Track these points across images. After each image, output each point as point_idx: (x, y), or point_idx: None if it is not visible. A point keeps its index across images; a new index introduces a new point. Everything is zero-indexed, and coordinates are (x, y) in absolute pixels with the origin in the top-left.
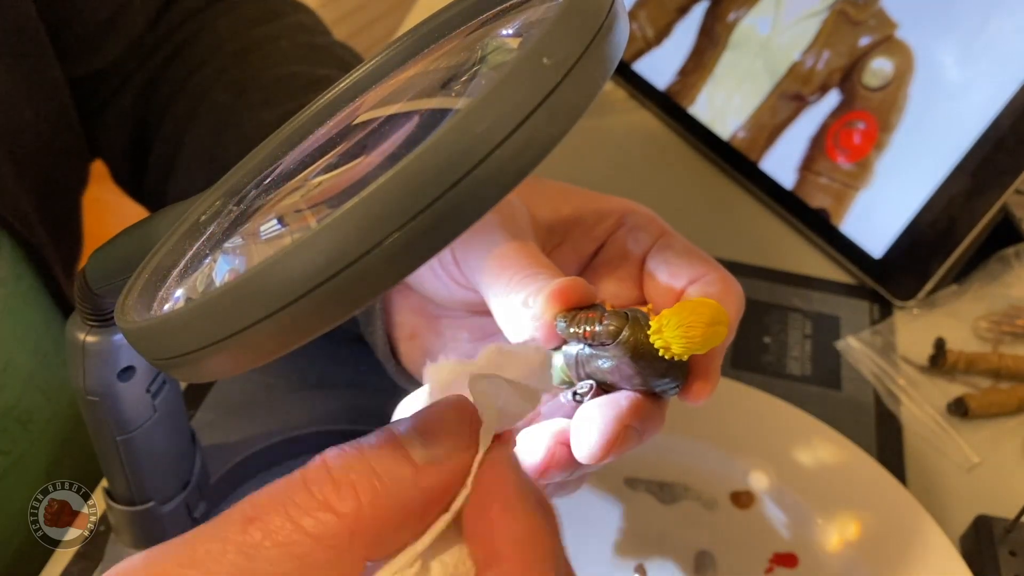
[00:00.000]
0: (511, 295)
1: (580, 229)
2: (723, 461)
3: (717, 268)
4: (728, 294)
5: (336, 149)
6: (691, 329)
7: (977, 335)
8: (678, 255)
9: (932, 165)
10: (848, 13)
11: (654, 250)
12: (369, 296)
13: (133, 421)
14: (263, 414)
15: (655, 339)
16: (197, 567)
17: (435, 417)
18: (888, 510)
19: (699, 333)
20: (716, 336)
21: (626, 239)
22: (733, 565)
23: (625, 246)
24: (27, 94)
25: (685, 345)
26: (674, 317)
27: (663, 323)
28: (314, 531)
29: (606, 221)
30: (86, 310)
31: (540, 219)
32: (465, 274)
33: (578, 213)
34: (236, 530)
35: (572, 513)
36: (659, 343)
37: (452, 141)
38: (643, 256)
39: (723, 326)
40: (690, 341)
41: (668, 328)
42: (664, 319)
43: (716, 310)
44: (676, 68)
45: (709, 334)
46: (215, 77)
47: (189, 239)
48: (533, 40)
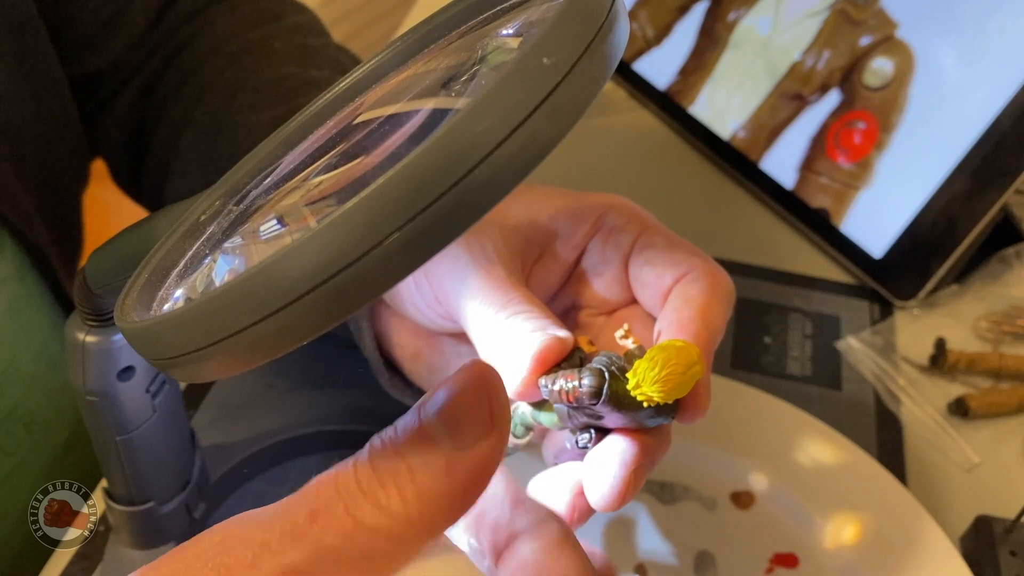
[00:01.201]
0: (492, 337)
1: (560, 237)
2: (723, 461)
3: (702, 261)
4: (716, 289)
5: (336, 149)
6: (667, 381)
7: (978, 335)
8: (660, 252)
9: (933, 165)
10: (848, 13)
11: (635, 250)
12: (369, 296)
13: (133, 421)
14: (263, 414)
15: (635, 393)
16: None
17: (454, 407)
18: (888, 510)
19: (675, 383)
20: (693, 378)
21: (606, 242)
22: (733, 565)
23: (606, 250)
24: (28, 94)
25: (665, 395)
26: (649, 372)
27: (639, 378)
28: (372, 524)
29: (584, 225)
30: (86, 310)
31: (519, 229)
32: (444, 306)
33: (556, 219)
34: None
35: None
36: (641, 396)
37: (452, 141)
38: (626, 257)
39: (699, 366)
40: (668, 392)
41: (645, 383)
42: (639, 374)
43: (687, 354)
44: (676, 68)
45: (686, 380)
46: (210, 80)
47: (189, 239)
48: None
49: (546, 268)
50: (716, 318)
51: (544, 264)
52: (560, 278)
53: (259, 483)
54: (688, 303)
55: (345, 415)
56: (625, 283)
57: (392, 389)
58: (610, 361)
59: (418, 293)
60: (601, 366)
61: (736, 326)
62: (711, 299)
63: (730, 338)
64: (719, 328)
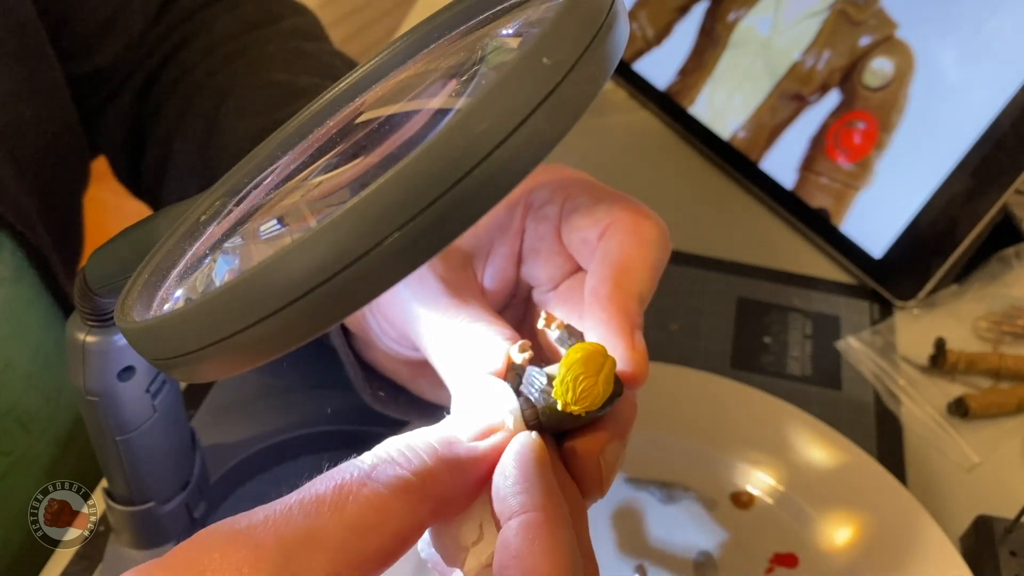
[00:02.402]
0: (442, 371)
1: (499, 230)
2: (723, 461)
3: (623, 211)
4: (637, 238)
5: (336, 149)
6: (585, 396)
7: (977, 335)
8: (583, 213)
9: (932, 165)
10: (848, 13)
11: (563, 218)
12: (369, 296)
13: (133, 421)
14: (263, 414)
15: (569, 409)
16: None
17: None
18: (888, 510)
19: (594, 394)
20: (608, 376)
21: (537, 219)
22: (733, 565)
23: (538, 227)
24: (27, 94)
25: (591, 405)
26: (568, 394)
27: (562, 399)
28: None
29: (517, 209)
30: (86, 310)
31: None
32: (403, 335)
33: (493, 214)
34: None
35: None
36: (575, 411)
37: (452, 141)
38: (557, 228)
39: (609, 361)
40: (593, 402)
41: (569, 403)
42: (559, 395)
43: (593, 360)
44: (676, 68)
45: (602, 383)
46: (204, 81)
47: (189, 239)
48: (533, 40)
49: (498, 263)
50: (635, 271)
51: (495, 259)
52: (514, 266)
53: (259, 483)
54: (604, 260)
55: (345, 415)
56: (564, 253)
57: (374, 404)
58: (537, 379)
59: (378, 327)
60: (529, 393)
61: (736, 326)
62: (631, 251)
63: (730, 338)
64: (644, 279)
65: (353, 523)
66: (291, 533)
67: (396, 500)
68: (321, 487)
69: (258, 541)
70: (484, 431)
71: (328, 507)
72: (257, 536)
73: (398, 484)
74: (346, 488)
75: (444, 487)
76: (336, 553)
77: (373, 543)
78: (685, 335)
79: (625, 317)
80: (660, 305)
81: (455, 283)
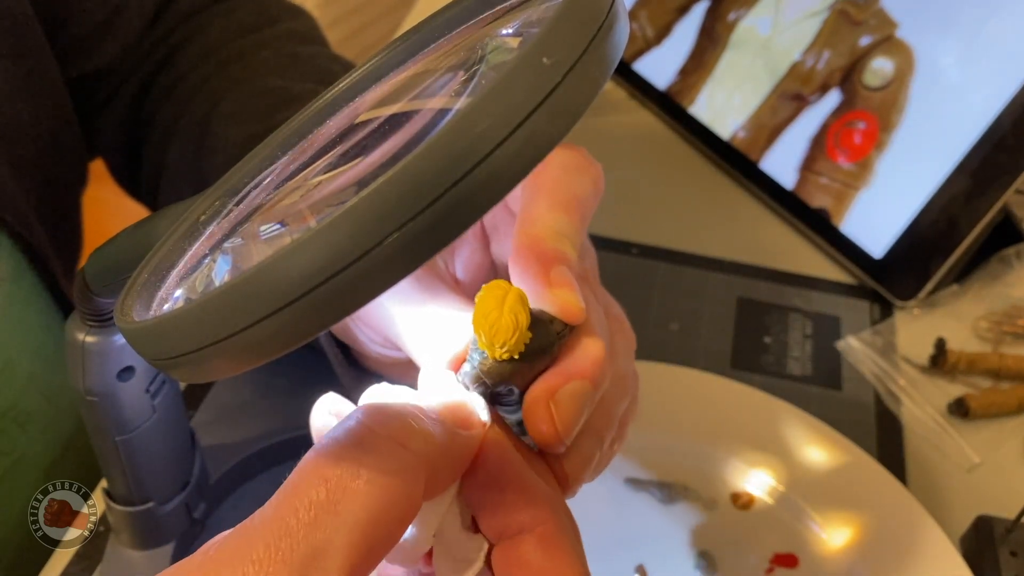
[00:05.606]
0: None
1: None
2: (723, 461)
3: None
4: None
5: (336, 149)
6: (496, 330)
7: (978, 335)
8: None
9: (933, 165)
10: (848, 13)
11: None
12: (368, 296)
13: (132, 421)
14: (263, 414)
15: (497, 355)
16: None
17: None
18: (888, 510)
19: (503, 325)
20: (512, 307)
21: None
22: (733, 565)
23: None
24: (26, 94)
25: (513, 344)
26: (483, 339)
27: (487, 347)
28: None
29: None
30: (86, 310)
31: None
32: (384, 337)
33: None
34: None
35: (573, 513)
36: (504, 356)
37: (452, 141)
38: (505, 200)
39: (511, 293)
40: (506, 337)
41: (490, 348)
42: (483, 345)
43: (492, 291)
44: (676, 68)
45: (509, 312)
46: (198, 86)
47: (189, 239)
48: (533, 40)
49: (465, 250)
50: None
51: (461, 248)
52: (484, 248)
53: (259, 483)
54: (518, 205)
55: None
56: (507, 219)
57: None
58: (474, 348)
59: (364, 335)
60: (471, 362)
61: (736, 326)
62: (543, 186)
63: (730, 338)
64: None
65: (355, 522)
66: (298, 558)
67: (402, 484)
68: (313, 493)
69: (268, 572)
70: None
71: (326, 512)
72: (266, 570)
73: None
74: (338, 485)
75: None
76: (345, 560)
77: (382, 531)
78: (685, 335)
79: (531, 252)
80: (660, 305)
81: (424, 277)
